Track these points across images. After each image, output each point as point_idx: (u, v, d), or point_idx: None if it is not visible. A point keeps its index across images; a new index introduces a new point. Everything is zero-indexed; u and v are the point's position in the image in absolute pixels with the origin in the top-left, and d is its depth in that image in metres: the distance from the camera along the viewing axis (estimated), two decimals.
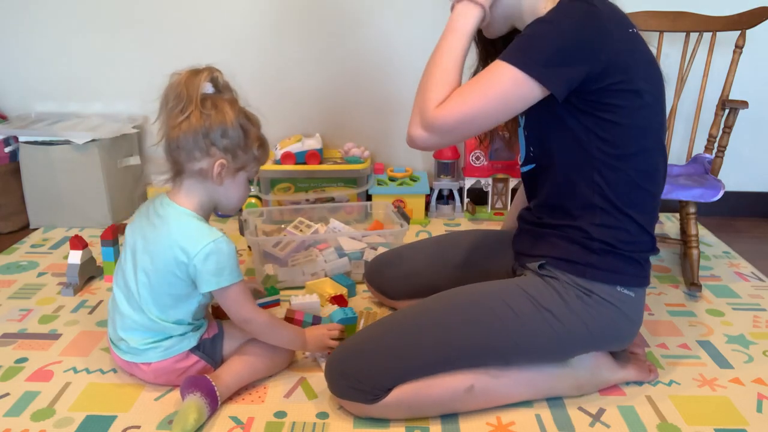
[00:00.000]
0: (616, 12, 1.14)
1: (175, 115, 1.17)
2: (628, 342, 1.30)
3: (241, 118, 1.20)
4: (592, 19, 1.09)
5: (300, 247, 1.80)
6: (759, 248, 2.09)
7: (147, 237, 1.24)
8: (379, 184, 2.30)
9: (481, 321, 1.19)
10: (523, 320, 1.18)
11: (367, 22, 2.28)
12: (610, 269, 1.19)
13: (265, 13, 2.28)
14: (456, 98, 1.12)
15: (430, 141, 1.15)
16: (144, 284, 1.23)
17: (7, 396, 1.28)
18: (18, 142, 2.15)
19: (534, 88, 1.09)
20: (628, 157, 1.16)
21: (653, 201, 1.23)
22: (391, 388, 1.17)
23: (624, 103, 1.12)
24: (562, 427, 1.20)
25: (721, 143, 1.80)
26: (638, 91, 1.13)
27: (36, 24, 2.30)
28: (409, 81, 2.33)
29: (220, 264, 1.19)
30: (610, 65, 1.09)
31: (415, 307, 1.27)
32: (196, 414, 1.16)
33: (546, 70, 1.07)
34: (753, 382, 1.35)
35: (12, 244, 2.07)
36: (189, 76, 1.18)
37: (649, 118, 1.17)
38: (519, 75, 1.08)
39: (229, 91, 1.24)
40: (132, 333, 1.26)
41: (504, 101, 1.10)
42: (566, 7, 1.11)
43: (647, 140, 1.18)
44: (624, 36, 1.12)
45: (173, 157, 1.21)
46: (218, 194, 1.25)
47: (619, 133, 1.14)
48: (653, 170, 1.21)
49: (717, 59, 1.98)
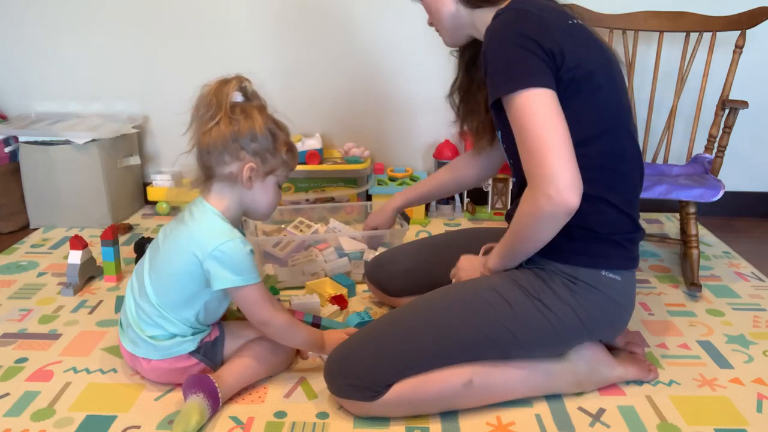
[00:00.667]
0: (550, 8, 1.18)
1: (205, 122, 1.20)
2: (621, 328, 1.30)
3: (269, 124, 1.23)
4: (526, 18, 1.13)
5: (300, 247, 1.80)
6: (759, 248, 2.09)
7: (173, 230, 1.27)
8: (379, 184, 2.30)
9: (476, 312, 1.20)
10: (517, 310, 1.19)
11: (367, 23, 2.28)
12: (591, 253, 1.20)
13: (265, 13, 2.28)
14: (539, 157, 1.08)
15: (565, 193, 1.07)
16: (155, 277, 1.25)
17: (7, 396, 1.28)
18: (18, 142, 2.16)
19: (544, 92, 1.09)
20: (589, 141, 1.16)
21: (626, 181, 1.23)
22: (391, 385, 1.17)
23: (577, 88, 1.13)
24: (562, 426, 1.20)
25: (721, 143, 1.80)
26: (589, 73, 1.14)
27: (36, 24, 2.30)
28: (409, 81, 2.34)
29: (234, 263, 1.19)
30: (557, 53, 1.10)
31: (412, 303, 1.28)
32: (198, 416, 1.16)
33: (533, 77, 1.09)
34: (753, 382, 1.35)
35: (12, 244, 2.07)
36: (218, 85, 1.21)
37: (606, 99, 1.18)
38: (526, 93, 1.08)
39: (258, 98, 1.27)
40: (139, 320, 1.27)
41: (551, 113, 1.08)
42: (502, 20, 1.16)
43: (607, 121, 1.19)
44: (563, 25, 1.15)
45: (204, 162, 1.23)
46: (248, 199, 1.26)
47: (577, 119, 1.13)
48: (620, 150, 1.21)
49: (717, 59, 1.98)
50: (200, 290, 1.24)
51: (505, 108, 1.13)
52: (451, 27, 1.31)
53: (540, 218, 1.10)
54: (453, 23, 1.29)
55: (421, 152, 2.45)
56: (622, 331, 1.33)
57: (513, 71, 1.10)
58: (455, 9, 1.27)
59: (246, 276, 1.21)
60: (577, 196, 1.06)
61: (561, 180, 1.06)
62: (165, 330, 1.26)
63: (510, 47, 1.11)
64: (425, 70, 2.32)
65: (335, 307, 1.60)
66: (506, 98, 1.11)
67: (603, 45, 1.21)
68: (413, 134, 2.42)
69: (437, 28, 1.34)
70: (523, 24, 1.13)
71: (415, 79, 2.33)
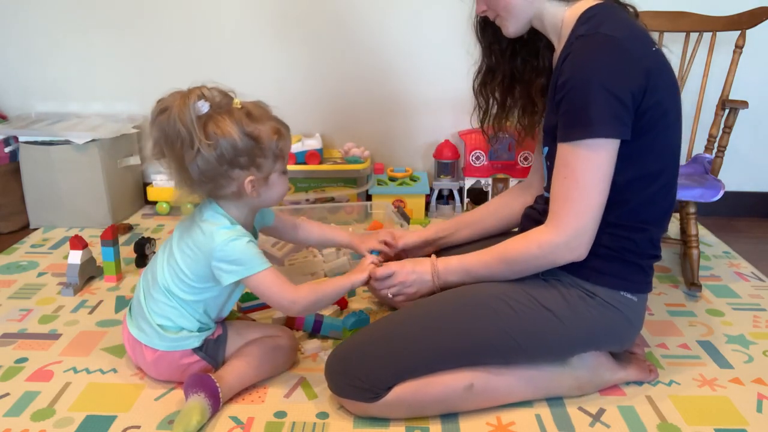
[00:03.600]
0: (637, 33, 1.13)
1: (186, 152, 1.14)
2: (628, 345, 1.30)
3: (245, 126, 1.16)
4: (615, 51, 1.08)
5: (300, 247, 1.80)
6: (759, 248, 2.09)
7: (186, 227, 1.26)
8: (379, 184, 2.30)
9: (480, 320, 1.19)
10: (523, 319, 1.18)
11: (367, 23, 2.28)
12: (614, 274, 1.19)
13: (265, 14, 2.28)
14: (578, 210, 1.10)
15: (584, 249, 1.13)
16: (169, 269, 1.25)
17: (7, 396, 1.28)
18: (18, 142, 2.16)
19: (614, 144, 1.09)
20: (650, 177, 1.16)
21: (666, 215, 1.23)
22: (392, 387, 1.17)
23: (652, 125, 1.12)
24: (562, 427, 1.20)
25: (721, 143, 1.80)
26: (665, 111, 1.13)
27: (36, 24, 2.30)
28: (409, 81, 2.34)
29: (237, 258, 1.19)
30: (640, 93, 1.08)
31: (416, 306, 1.27)
32: (199, 416, 1.16)
33: (610, 126, 1.07)
34: (753, 382, 1.35)
35: (12, 244, 2.07)
36: (179, 107, 1.12)
37: (672, 138, 1.18)
38: (599, 143, 1.08)
39: (224, 96, 1.18)
40: (150, 310, 1.27)
41: (604, 174, 1.10)
42: (590, 47, 1.09)
43: (669, 159, 1.18)
44: (649, 56, 1.11)
45: (202, 189, 1.21)
46: (257, 202, 1.26)
47: (645, 156, 1.14)
48: (670, 186, 1.21)
49: (717, 59, 1.98)
50: (210, 284, 1.24)
51: (567, 148, 1.11)
52: (521, 15, 1.21)
53: (550, 261, 1.15)
54: (524, 11, 1.21)
55: (421, 152, 2.45)
56: (628, 347, 1.33)
57: (595, 117, 1.06)
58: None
59: (251, 265, 1.20)
60: (588, 250, 1.13)
61: (586, 237, 1.11)
62: (174, 322, 1.26)
63: (597, 89, 1.06)
64: (425, 71, 2.32)
65: (335, 307, 1.60)
66: (578, 142, 1.09)
67: (674, 75, 1.18)
68: (413, 134, 2.42)
69: (504, 15, 1.22)
70: (613, 60, 1.07)
71: (415, 80, 2.33)
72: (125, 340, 1.34)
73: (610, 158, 1.09)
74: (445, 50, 2.28)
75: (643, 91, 1.08)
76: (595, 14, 1.14)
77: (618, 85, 1.06)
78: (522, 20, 1.23)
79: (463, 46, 1.38)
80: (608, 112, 1.06)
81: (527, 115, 1.37)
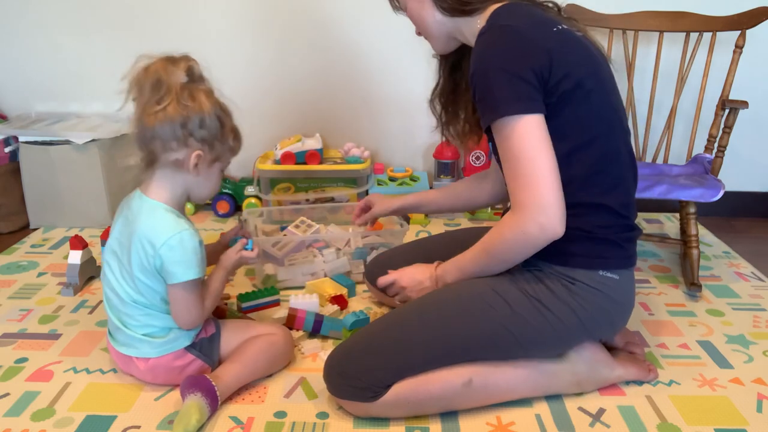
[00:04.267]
0: (537, 19, 1.17)
1: (151, 104, 1.15)
2: (621, 326, 1.31)
3: (217, 109, 1.20)
4: (511, 37, 1.12)
5: (300, 247, 1.80)
6: (759, 248, 2.09)
7: (122, 231, 1.25)
8: (379, 184, 2.30)
9: (475, 313, 1.20)
10: (516, 311, 1.19)
11: (367, 23, 2.28)
12: (589, 254, 1.20)
13: (265, 13, 2.27)
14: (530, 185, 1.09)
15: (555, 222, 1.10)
16: (125, 281, 1.24)
17: (7, 396, 1.28)
18: (18, 142, 2.16)
19: (532, 119, 1.10)
20: (583, 147, 1.16)
21: (621, 183, 1.22)
22: (390, 385, 1.17)
23: (567, 98, 1.13)
24: (562, 426, 1.20)
25: (721, 143, 1.80)
26: (578, 82, 1.13)
27: (36, 24, 2.30)
28: (409, 81, 2.33)
29: (183, 256, 1.18)
30: (543, 70, 1.10)
31: (411, 304, 1.28)
32: (198, 414, 1.16)
33: (516, 103, 1.09)
34: (753, 382, 1.35)
35: (12, 244, 2.07)
36: (166, 64, 1.16)
37: (597, 104, 1.18)
38: (513, 120, 1.09)
39: (204, 81, 1.22)
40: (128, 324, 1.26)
41: (537, 143, 1.09)
42: (486, 40, 1.14)
43: (599, 126, 1.18)
44: (548, 35, 1.14)
45: (148, 147, 1.20)
46: (192, 184, 1.24)
47: (570, 127, 1.15)
48: (614, 152, 1.21)
49: (717, 59, 1.98)
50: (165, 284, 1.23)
51: (493, 134, 1.14)
52: (438, 34, 1.30)
53: (525, 244, 1.13)
54: (439, 31, 1.30)
55: (421, 152, 2.45)
56: (622, 328, 1.33)
57: (499, 97, 1.10)
58: (437, 17, 1.27)
59: (189, 271, 1.19)
60: (563, 224, 1.10)
61: (552, 209, 1.09)
62: (158, 326, 1.25)
63: (495, 72, 1.10)
64: (425, 71, 2.30)
65: (335, 307, 1.60)
66: (494, 125, 1.12)
67: (591, 48, 1.20)
68: (413, 134, 2.42)
69: (426, 36, 1.33)
70: (507, 45, 1.12)
71: (415, 80, 2.33)
72: (114, 357, 1.33)
73: (533, 130, 1.09)
74: None
75: (548, 68, 1.10)
76: (498, 13, 1.18)
77: (516, 65, 1.09)
78: (442, 38, 1.32)
79: None
80: (510, 90, 1.09)
81: (471, 116, 1.41)
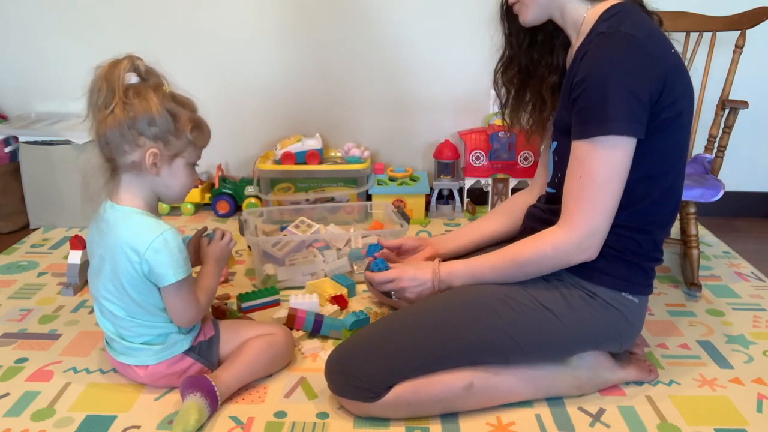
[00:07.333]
0: (657, 34, 1.12)
1: (100, 110, 1.15)
2: (627, 345, 1.30)
3: (167, 103, 1.16)
4: (636, 51, 1.07)
5: (300, 247, 1.80)
6: (759, 248, 2.09)
7: (100, 245, 1.22)
8: (379, 184, 2.30)
9: (480, 318, 1.19)
10: (523, 318, 1.18)
11: (367, 23, 2.28)
12: (617, 275, 1.19)
13: (265, 13, 2.27)
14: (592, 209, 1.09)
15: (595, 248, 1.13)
16: (112, 295, 1.22)
17: (7, 396, 1.28)
18: (18, 142, 2.16)
19: (630, 143, 1.08)
20: (658, 177, 1.16)
21: (670, 218, 1.23)
22: (391, 386, 1.17)
23: (666, 126, 1.11)
24: (562, 427, 1.20)
25: (721, 143, 1.80)
26: (680, 113, 1.12)
27: (36, 24, 2.30)
28: (409, 81, 2.33)
29: (170, 257, 1.17)
30: (657, 93, 1.08)
31: (416, 305, 1.27)
32: (197, 414, 1.16)
33: (627, 124, 1.06)
34: (753, 382, 1.35)
35: (12, 244, 2.07)
36: (109, 68, 1.15)
37: (684, 137, 1.18)
38: (616, 141, 1.07)
39: (155, 76, 1.19)
40: (124, 334, 1.25)
41: (620, 173, 1.09)
42: (610, 47, 1.08)
43: (679, 161, 1.18)
44: (668, 57, 1.11)
45: (105, 154, 1.19)
46: (157, 185, 1.22)
47: (654, 156, 1.13)
48: (676, 188, 1.21)
49: (717, 59, 1.98)
50: (154, 290, 1.21)
51: (579, 143, 1.10)
52: (543, 2, 1.20)
53: (562, 262, 1.15)
54: (548, 4, 1.20)
55: (421, 152, 2.45)
56: (627, 347, 1.33)
57: (612, 114, 1.06)
58: None
59: (178, 271, 1.18)
60: (600, 249, 1.13)
61: (599, 236, 1.11)
62: (153, 334, 1.25)
63: (616, 86, 1.05)
64: (425, 70, 2.32)
65: (335, 307, 1.60)
66: (592, 138, 1.08)
67: (689, 78, 1.17)
68: (413, 134, 2.42)
69: (526, 1, 1.21)
70: (632, 58, 1.07)
71: (415, 80, 2.33)
72: (114, 365, 1.32)
73: (626, 157, 1.09)
74: (446, 51, 2.28)
75: (660, 91, 1.08)
76: (617, 12, 1.13)
77: (637, 83, 1.06)
78: (543, 9, 1.22)
79: (464, 46, 1.38)
80: (626, 110, 1.06)
81: (537, 112, 1.36)
